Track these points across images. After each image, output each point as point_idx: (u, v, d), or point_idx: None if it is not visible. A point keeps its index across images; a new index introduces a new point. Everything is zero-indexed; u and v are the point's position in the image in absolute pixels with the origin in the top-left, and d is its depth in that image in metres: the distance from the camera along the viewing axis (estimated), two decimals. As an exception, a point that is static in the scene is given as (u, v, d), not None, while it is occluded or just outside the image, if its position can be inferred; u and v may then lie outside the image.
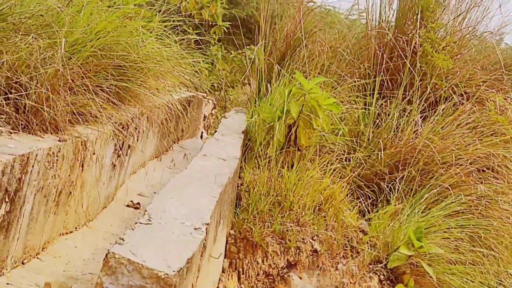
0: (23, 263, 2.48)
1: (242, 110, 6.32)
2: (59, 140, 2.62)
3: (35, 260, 2.58)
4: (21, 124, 2.54)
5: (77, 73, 2.83)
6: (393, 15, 6.69)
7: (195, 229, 1.92)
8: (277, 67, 5.76)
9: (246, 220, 3.13)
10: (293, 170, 3.49)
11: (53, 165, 2.53)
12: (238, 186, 3.57)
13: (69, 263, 2.71)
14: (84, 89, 2.90)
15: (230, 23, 8.10)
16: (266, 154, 3.96)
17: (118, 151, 3.57)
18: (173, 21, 4.43)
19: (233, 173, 3.03)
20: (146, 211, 2.08)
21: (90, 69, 3.00)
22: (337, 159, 4.43)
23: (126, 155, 3.90)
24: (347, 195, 3.82)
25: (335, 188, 3.62)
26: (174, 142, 5.96)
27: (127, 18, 3.50)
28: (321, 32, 6.17)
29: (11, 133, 2.45)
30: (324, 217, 3.49)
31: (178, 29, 4.33)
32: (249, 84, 8.78)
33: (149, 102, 3.50)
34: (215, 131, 4.18)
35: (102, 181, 3.32)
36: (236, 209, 3.35)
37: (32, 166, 2.31)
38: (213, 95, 8.24)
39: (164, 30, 4.05)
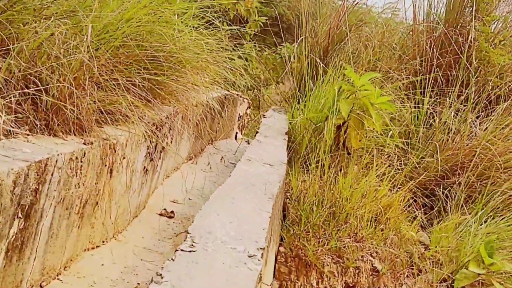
0: (41, 287, 2.12)
1: (280, 109, 5.94)
2: (84, 143, 2.26)
3: (55, 282, 2.22)
4: (41, 125, 2.18)
5: (105, 65, 2.46)
6: (442, 8, 6.23)
7: (249, 256, 1.54)
8: (320, 64, 5.35)
9: (298, 236, 2.73)
10: (348, 177, 3.08)
11: (76, 172, 2.17)
12: (285, 194, 3.17)
13: (94, 284, 2.35)
14: (114, 84, 2.53)
15: (267, 17, 7.74)
16: (314, 157, 3.55)
17: (151, 154, 3.21)
18: (209, 14, 4.07)
19: (282, 180, 2.64)
20: (188, 232, 1.69)
21: (121, 61, 2.63)
22: (390, 163, 4.00)
23: (159, 158, 3.53)
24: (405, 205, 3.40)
25: (394, 197, 3.20)
26: (208, 143, 5.61)
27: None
28: (366, 25, 5.73)
29: (28, 135, 2.09)
30: (382, 229, 3.07)
31: (212, 24, 3.96)
32: (283, 83, 8.43)
33: (185, 100, 3.12)
34: (257, 132, 3.79)
35: (133, 188, 2.96)
36: (284, 222, 2.95)
37: (52, 174, 1.94)
38: (246, 93, 7.88)
39: (199, 24, 3.68)
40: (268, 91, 8.58)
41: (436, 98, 5.16)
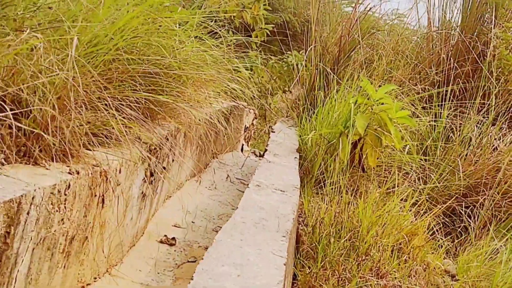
0: None
1: (289, 121, 5.64)
2: (69, 172, 1.96)
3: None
4: (19, 152, 1.89)
5: (95, 83, 2.17)
6: (458, 14, 5.93)
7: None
8: (331, 74, 5.06)
9: (314, 275, 2.43)
10: (368, 203, 2.78)
11: (59, 207, 1.87)
12: (298, 223, 2.87)
13: (82, 332, 2.06)
14: (106, 104, 2.23)
15: (273, 25, 7.45)
16: (328, 178, 3.25)
17: (150, 177, 2.91)
18: (213, 22, 3.78)
19: (295, 210, 2.35)
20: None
21: (114, 78, 2.34)
22: (408, 181, 3.70)
23: (160, 180, 3.24)
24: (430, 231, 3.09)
25: (419, 224, 2.89)
26: (213, 157, 5.32)
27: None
28: (379, 33, 5.43)
29: (3, 164, 1.80)
30: (406, 260, 2.76)
31: (217, 33, 3.67)
32: (290, 91, 8.15)
33: (187, 118, 2.83)
34: (265, 150, 3.49)
35: (128, 217, 2.66)
36: (297, 254, 2.64)
37: (27, 213, 1.65)
38: (252, 103, 7.61)
39: (202, 33, 3.40)
40: (275, 100, 8.31)
41: (454, 110, 4.85)
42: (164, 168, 3.24)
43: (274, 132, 4.37)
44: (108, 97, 2.26)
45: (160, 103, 2.56)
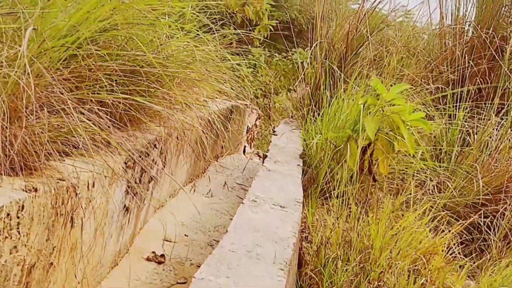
0: None
1: (292, 123, 5.31)
2: (24, 190, 1.63)
3: None
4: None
5: (61, 82, 1.84)
6: (471, 8, 5.58)
7: None
8: (338, 71, 4.72)
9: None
10: (381, 220, 2.44)
11: (10, 233, 1.55)
12: (300, 235, 2.53)
13: None
14: (75, 107, 1.90)
15: (278, 21, 7.13)
16: (335, 188, 2.92)
17: (134, 188, 2.59)
18: (211, 16, 3.46)
19: (297, 232, 2.01)
20: None
21: (87, 76, 2.01)
22: (423, 190, 3.36)
23: (148, 189, 2.91)
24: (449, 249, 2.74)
25: (438, 242, 2.55)
26: (214, 160, 4.99)
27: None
28: (389, 28, 5.09)
29: None
30: (424, 284, 2.42)
31: (217, 28, 3.33)
32: (295, 90, 7.85)
33: (176, 122, 2.50)
34: (265, 156, 3.16)
35: (108, 234, 2.33)
36: (298, 281, 2.30)
37: (-39, 246, 1.32)
38: (255, 103, 7.29)
39: (198, 28, 3.07)
40: (279, 99, 8.00)
41: (470, 111, 4.51)
42: (152, 178, 2.91)
43: (276, 134, 4.04)
44: (79, 98, 1.94)
45: (141, 106, 2.23)
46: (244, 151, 6.36)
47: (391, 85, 3.97)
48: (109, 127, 2.10)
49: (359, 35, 5.00)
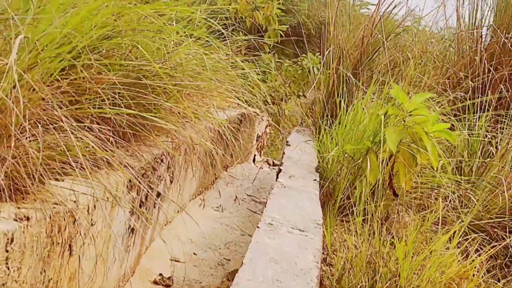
0: None
1: (304, 131, 5.12)
2: (15, 219, 1.45)
3: None
4: None
5: (58, 95, 1.67)
6: (488, 11, 5.37)
7: None
8: (352, 78, 4.53)
9: None
10: (409, 244, 2.24)
11: (-3, 269, 1.36)
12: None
13: None
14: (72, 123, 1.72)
15: (287, 26, 6.95)
16: (354, 204, 2.72)
17: (140, 207, 2.40)
18: (220, 23, 3.28)
19: (319, 260, 1.82)
20: None
21: (87, 88, 1.83)
22: (447, 206, 3.16)
23: (154, 207, 2.73)
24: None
25: (468, 266, 2.35)
26: (223, 170, 4.80)
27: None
28: (405, 33, 4.89)
29: None
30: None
31: (227, 33, 3.15)
32: (305, 96, 7.68)
33: (184, 138, 2.32)
34: (279, 169, 2.96)
35: (111, 259, 2.15)
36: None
37: None
38: (265, 109, 7.11)
39: (208, 35, 2.89)
40: (288, 105, 7.82)
41: (490, 120, 4.30)
42: (159, 194, 2.72)
43: (289, 145, 3.84)
44: (77, 113, 1.76)
45: (147, 120, 2.04)
46: (254, 159, 6.17)
47: (408, 93, 3.79)
48: (111, 144, 1.92)
49: (374, 40, 4.80)
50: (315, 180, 2.77)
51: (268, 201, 2.25)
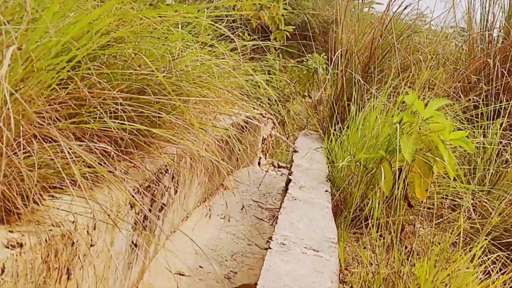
0: None
1: (312, 135, 5.00)
2: (6, 246, 1.33)
3: None
4: None
5: (55, 108, 1.55)
6: (500, 12, 5.22)
7: None
8: (361, 81, 4.40)
9: None
10: (430, 262, 2.11)
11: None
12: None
13: None
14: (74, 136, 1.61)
15: (294, 26, 6.81)
16: (367, 217, 2.59)
17: (143, 221, 2.28)
18: (226, 22, 3.16)
19: (337, 286, 1.69)
20: None
21: (87, 98, 1.70)
22: (462, 216, 3.02)
23: (158, 219, 2.60)
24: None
25: (491, 286, 2.21)
26: (228, 174, 4.68)
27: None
28: (417, 35, 4.75)
29: None
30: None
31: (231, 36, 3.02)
32: (310, 96, 7.57)
33: (188, 149, 2.19)
34: (288, 179, 2.83)
35: (112, 279, 2.02)
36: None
37: None
38: (270, 111, 6.98)
39: (212, 37, 2.77)
40: (294, 106, 7.71)
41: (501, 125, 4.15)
42: (164, 205, 2.60)
43: (297, 151, 3.71)
44: (76, 126, 1.63)
45: (150, 132, 1.92)
46: (259, 163, 6.06)
47: (419, 97, 3.65)
48: (112, 157, 1.80)
49: (384, 42, 4.67)
50: (326, 191, 2.64)
51: (279, 216, 2.13)
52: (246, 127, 4.66)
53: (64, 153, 1.54)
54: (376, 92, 4.25)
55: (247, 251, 3.30)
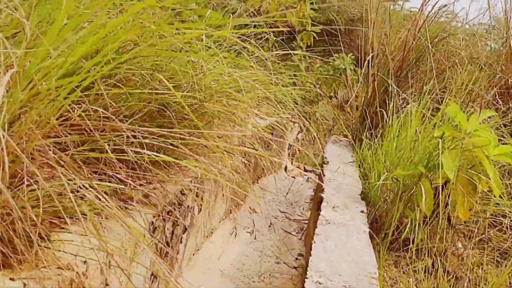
0: None
1: (341, 141, 4.79)
2: (5, 300, 1.16)
3: None
4: None
5: (66, 131, 1.38)
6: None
7: None
8: (393, 86, 4.18)
9: None
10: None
11: None
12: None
13: None
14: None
15: (320, 25, 6.61)
16: (407, 241, 2.38)
17: (165, 248, 2.10)
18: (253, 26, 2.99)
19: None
20: None
21: (102, 125, 1.53)
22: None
23: (181, 241, 2.43)
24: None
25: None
26: (253, 182, 4.49)
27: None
28: (452, 37, 4.51)
29: None
30: None
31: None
32: (336, 97, 7.38)
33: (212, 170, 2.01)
34: (321, 197, 2.62)
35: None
36: None
37: None
38: (296, 114, 6.78)
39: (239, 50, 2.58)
40: (320, 108, 7.50)
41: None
42: (187, 227, 2.42)
43: (327, 163, 3.51)
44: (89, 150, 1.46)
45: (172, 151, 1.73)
46: (285, 168, 5.88)
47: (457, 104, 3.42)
48: (131, 178, 1.62)
49: (417, 44, 4.43)
50: (362, 211, 2.44)
51: (313, 245, 1.93)
52: (272, 133, 4.48)
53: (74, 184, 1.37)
54: (409, 97, 4.04)
55: (275, 271, 3.11)
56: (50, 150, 1.27)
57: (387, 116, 3.93)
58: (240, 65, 2.31)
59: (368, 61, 4.58)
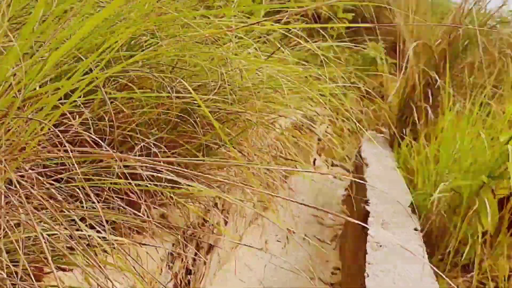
0: None
1: (378, 139, 4.44)
2: None
3: None
4: None
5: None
6: None
7: None
8: (438, 80, 3.81)
9: None
10: None
11: None
12: None
13: None
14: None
15: (353, 12, 6.28)
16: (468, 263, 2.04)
17: (186, 273, 1.78)
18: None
19: None
20: None
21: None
22: None
23: (205, 262, 2.11)
24: None
25: None
26: (281, 182, 4.17)
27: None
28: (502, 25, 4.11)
29: None
30: None
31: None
32: (368, 89, 7.05)
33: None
34: (366, 211, 2.27)
35: None
36: None
37: None
38: (324, 107, 6.45)
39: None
40: (347, 100, 7.12)
41: None
42: (212, 245, 2.10)
43: (366, 164, 3.16)
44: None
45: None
46: (314, 162, 5.59)
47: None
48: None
49: (463, 33, 4.04)
50: (415, 229, 2.09)
51: (366, 280, 1.59)
52: (301, 129, 4.18)
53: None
54: (455, 91, 3.69)
55: (307, 294, 2.77)
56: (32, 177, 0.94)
57: (431, 112, 3.58)
58: (274, 59, 1.96)
59: (408, 52, 4.21)
